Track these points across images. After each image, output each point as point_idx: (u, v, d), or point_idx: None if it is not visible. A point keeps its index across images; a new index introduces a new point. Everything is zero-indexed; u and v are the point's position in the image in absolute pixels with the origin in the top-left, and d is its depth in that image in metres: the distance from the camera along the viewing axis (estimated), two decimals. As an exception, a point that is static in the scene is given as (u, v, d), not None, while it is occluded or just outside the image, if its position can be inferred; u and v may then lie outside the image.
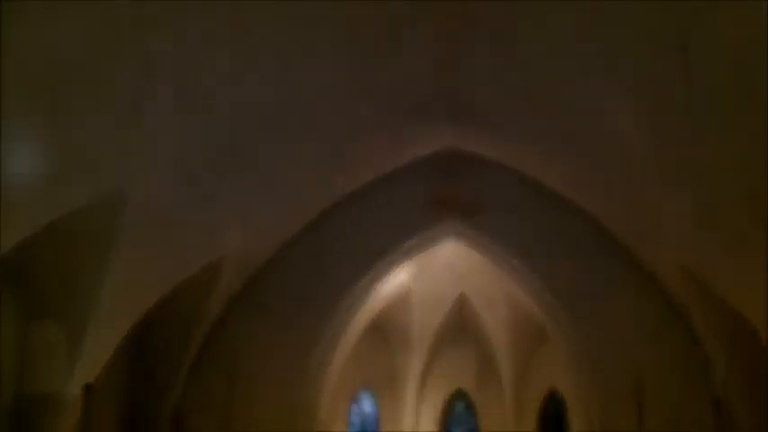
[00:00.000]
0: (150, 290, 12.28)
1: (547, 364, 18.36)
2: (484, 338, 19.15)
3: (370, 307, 16.98)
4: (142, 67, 8.38)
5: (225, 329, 15.44)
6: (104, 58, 8.04)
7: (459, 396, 20.13)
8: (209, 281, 14.29)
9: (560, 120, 11.89)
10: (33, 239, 9.49)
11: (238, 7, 8.30)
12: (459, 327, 19.65)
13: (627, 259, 14.92)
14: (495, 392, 19.35)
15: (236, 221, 12.87)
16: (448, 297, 18.84)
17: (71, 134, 8.72)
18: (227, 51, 9.02)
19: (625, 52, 9.25)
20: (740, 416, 13.56)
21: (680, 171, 10.73)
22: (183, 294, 13.47)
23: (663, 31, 8.52)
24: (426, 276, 18.06)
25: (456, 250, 16.58)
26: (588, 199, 14.63)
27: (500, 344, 18.88)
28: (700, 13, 7.97)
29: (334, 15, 9.09)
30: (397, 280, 17.20)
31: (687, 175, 10.61)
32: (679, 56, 8.33)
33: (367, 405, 19.74)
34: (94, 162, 9.38)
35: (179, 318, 14.48)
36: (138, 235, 10.80)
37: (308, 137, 11.99)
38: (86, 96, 8.42)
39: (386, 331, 19.16)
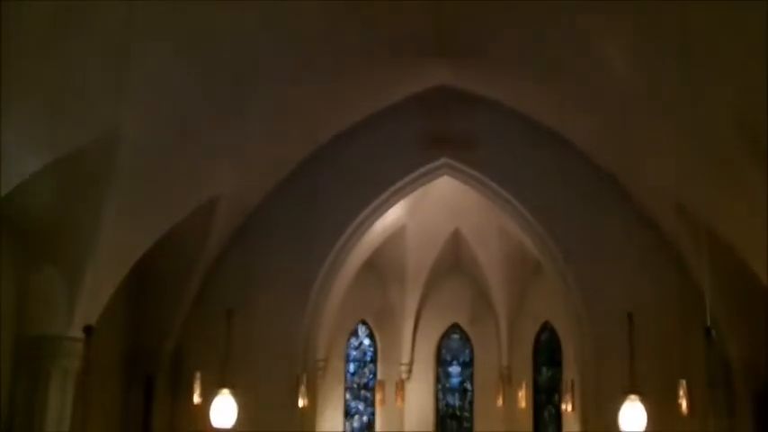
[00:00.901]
0: (147, 231, 12.37)
1: (540, 297, 18.61)
2: (478, 273, 19.36)
3: (365, 243, 17.12)
4: (136, 8, 8.33)
5: (223, 268, 15.61)
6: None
7: (454, 329, 20.45)
8: (206, 220, 14.39)
9: (553, 56, 11.83)
10: (29, 183, 9.53)
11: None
12: (454, 262, 19.85)
13: (619, 193, 15.02)
14: (489, 325, 19.66)
15: (230, 161, 12.91)
16: (442, 233, 18.97)
17: (65, 77, 8.70)
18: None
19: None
20: (729, 346, 13.87)
21: (676, 106, 10.71)
22: (181, 234, 13.57)
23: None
24: (421, 213, 18.17)
25: (450, 186, 16.65)
26: (581, 134, 14.65)
27: (494, 278, 19.09)
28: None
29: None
30: (392, 216, 17.30)
31: (683, 109, 10.60)
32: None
33: (364, 338, 20.05)
34: (89, 105, 9.37)
35: (177, 257, 14.63)
36: (133, 177, 10.84)
37: (301, 77, 11.94)
38: (79, 39, 8.37)
39: (381, 267, 19.36)
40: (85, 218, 10.80)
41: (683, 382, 10.33)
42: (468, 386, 20.28)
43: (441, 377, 20.48)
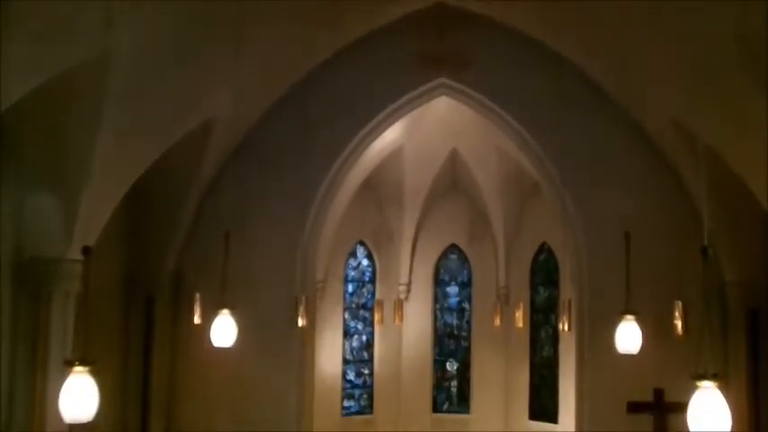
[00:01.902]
0: (143, 153, 12.28)
1: (538, 217, 18.65)
2: (476, 193, 19.35)
3: (362, 164, 17.05)
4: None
5: (220, 190, 15.60)
6: None
7: (452, 249, 20.56)
8: (201, 142, 14.31)
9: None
10: (22, 105, 9.42)
11: None
12: (452, 182, 19.83)
13: (617, 113, 14.91)
14: (487, 245, 19.75)
15: (223, 82, 12.74)
16: (440, 153, 18.88)
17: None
18: None
19: None
20: (725, 267, 13.97)
21: (676, 22, 10.54)
22: (177, 156, 13.49)
23: None
24: (418, 133, 18.03)
25: (447, 106, 16.51)
26: (580, 53, 14.45)
27: (492, 198, 19.08)
28: None
29: None
30: (389, 137, 17.18)
31: (682, 26, 10.44)
32: None
33: (363, 259, 20.16)
34: (80, 26, 9.20)
35: (174, 180, 14.59)
36: (126, 98, 10.70)
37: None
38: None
39: (379, 188, 19.33)
40: (81, 140, 10.71)
41: (679, 302, 10.44)
42: (466, 306, 20.50)
43: (439, 297, 20.68)
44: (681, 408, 7.16)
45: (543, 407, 18.78)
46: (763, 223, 11.68)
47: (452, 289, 20.72)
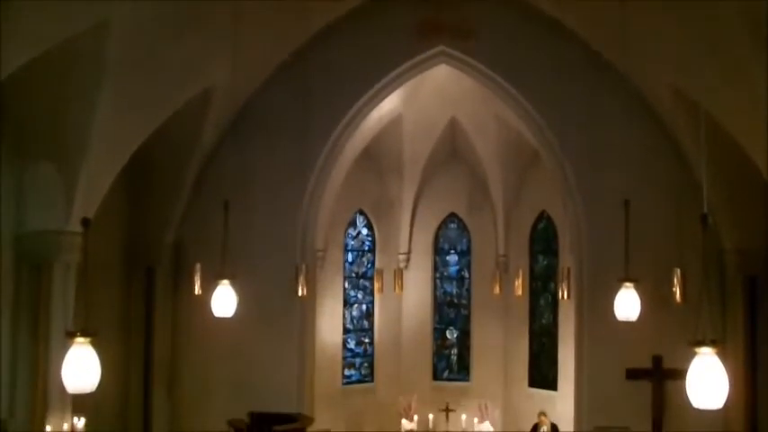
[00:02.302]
0: (142, 123, 12.26)
1: (537, 186, 18.64)
2: (475, 162, 19.31)
3: (362, 133, 17.01)
4: None
5: (219, 160, 15.60)
6: None
7: (451, 218, 20.57)
8: (201, 111, 14.29)
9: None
10: (22, 76, 9.39)
11: None
12: (451, 151, 19.78)
13: (617, 82, 14.82)
14: (486, 214, 19.76)
15: (222, 51, 12.66)
16: (439, 122, 18.80)
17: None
18: None
19: None
20: (724, 234, 13.99)
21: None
22: (177, 126, 13.49)
23: None
24: (417, 102, 17.96)
25: (446, 75, 16.43)
26: (580, 22, 14.35)
27: (491, 167, 19.04)
28: None
29: None
30: (389, 106, 17.12)
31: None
32: None
33: (362, 228, 20.18)
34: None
35: (173, 150, 14.59)
36: (125, 68, 10.67)
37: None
38: None
39: (378, 157, 19.29)
40: (80, 111, 10.71)
41: (677, 270, 10.46)
42: (466, 274, 20.56)
43: (438, 266, 20.73)
44: (679, 374, 7.21)
45: (542, 374, 18.92)
46: (763, 192, 11.66)
47: (452, 257, 20.77)
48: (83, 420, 11.44)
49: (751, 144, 11.16)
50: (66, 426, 11.20)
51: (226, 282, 11.96)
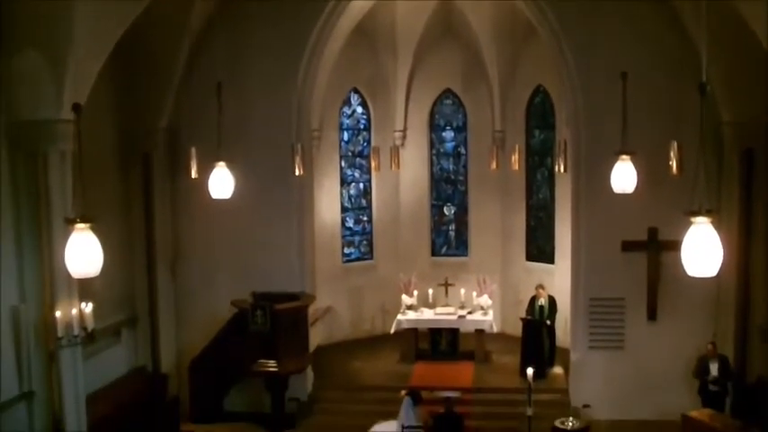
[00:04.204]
0: (126, 6, 11.91)
1: (533, 60, 18.38)
2: (470, 37, 18.96)
3: (354, 8, 16.60)
4: None
5: (210, 40, 15.26)
6: None
7: (447, 95, 20.39)
8: (188, -7, 13.93)
9: None
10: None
11: None
12: (446, 26, 19.40)
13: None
14: (482, 90, 19.57)
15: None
16: (433, -4, 18.42)
17: None
18: None
19: None
20: (722, 106, 13.90)
21: None
22: (164, 9, 13.13)
23: None
24: (410, -25, 17.50)
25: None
26: None
27: (486, 42, 18.70)
28: None
29: None
30: (381, -20, 16.71)
31: None
32: None
33: (357, 107, 20.03)
34: None
35: (163, 33, 14.27)
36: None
37: None
38: None
39: (372, 34, 18.92)
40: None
41: (674, 142, 10.44)
42: (462, 150, 20.55)
43: (434, 142, 20.70)
44: (674, 246, 7.31)
45: (540, 248, 19.20)
46: (762, 64, 11.50)
47: (448, 134, 20.70)
48: (90, 305, 11.66)
49: (751, 15, 10.94)
50: (74, 311, 11.42)
51: (222, 164, 12.00)
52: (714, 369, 14.16)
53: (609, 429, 14.78)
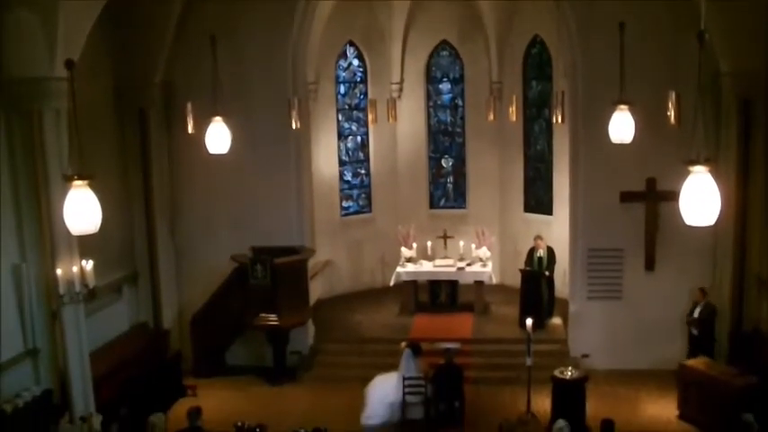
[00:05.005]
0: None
1: (530, 10, 18.15)
2: (467, -12, 18.79)
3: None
4: None
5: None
6: None
7: (443, 46, 20.21)
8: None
9: None
10: None
11: None
12: (442, -24, 19.22)
13: None
14: (479, 41, 19.40)
15: None
16: (428, -55, 18.16)
17: None
18: None
19: None
20: (720, 56, 13.78)
21: None
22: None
23: None
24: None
25: None
26: None
27: (482, -6, 18.55)
28: None
29: None
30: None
31: None
32: None
33: (353, 59, 19.87)
34: None
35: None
36: None
37: None
38: None
39: (367, -14, 18.75)
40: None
41: (673, 92, 10.40)
42: (459, 102, 20.43)
43: (431, 94, 20.57)
44: (673, 196, 7.33)
45: (538, 199, 19.20)
46: (761, 14, 11.41)
47: (445, 86, 20.56)
48: (91, 262, 11.71)
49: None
50: (75, 268, 11.48)
51: (218, 119, 11.97)
52: (697, 312, 14.57)
53: (607, 378, 14.94)
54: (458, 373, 13.81)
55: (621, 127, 11.30)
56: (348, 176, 20.05)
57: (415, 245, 18.35)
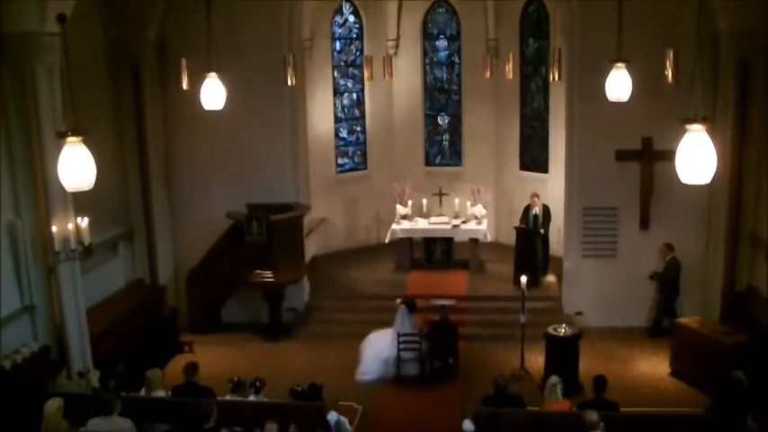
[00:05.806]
0: None
1: (528, -35, 18.04)
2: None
3: None
4: None
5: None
6: None
7: (440, 3, 19.99)
8: None
9: None
10: None
11: None
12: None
13: None
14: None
15: None
16: None
17: None
18: None
19: None
20: (719, 16, 13.63)
21: None
22: None
23: None
24: None
25: None
26: None
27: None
28: None
29: None
30: None
31: None
32: None
33: (349, 15, 19.68)
34: None
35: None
36: None
37: None
38: None
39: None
40: None
41: (671, 51, 10.33)
42: (456, 59, 20.28)
43: (428, 51, 20.41)
44: (668, 155, 7.35)
45: (534, 157, 19.16)
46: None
47: (441, 43, 20.40)
48: (86, 220, 11.70)
49: None
50: (70, 225, 11.47)
51: (213, 75, 11.87)
52: (660, 267, 15.11)
53: (600, 336, 15.07)
54: (452, 330, 13.93)
55: (618, 85, 11.23)
56: (344, 133, 19.97)
57: (410, 202, 18.36)
